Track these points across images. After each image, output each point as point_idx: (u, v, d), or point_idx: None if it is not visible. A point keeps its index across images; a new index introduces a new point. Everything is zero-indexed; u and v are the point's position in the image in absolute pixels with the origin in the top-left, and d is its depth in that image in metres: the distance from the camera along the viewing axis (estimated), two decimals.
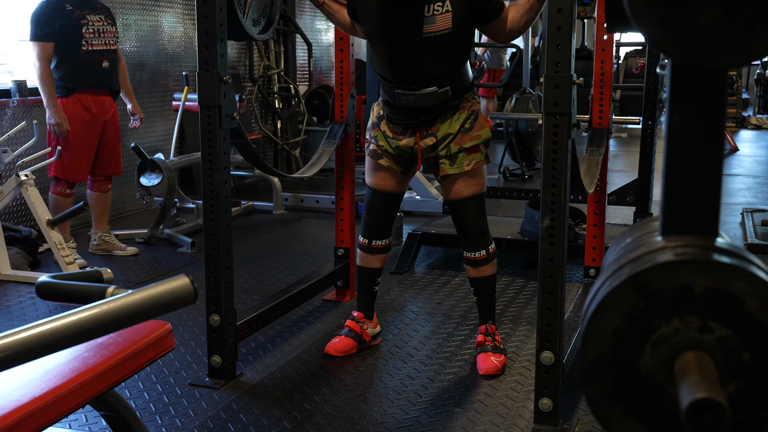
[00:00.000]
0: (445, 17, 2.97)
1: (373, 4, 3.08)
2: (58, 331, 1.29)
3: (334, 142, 3.82)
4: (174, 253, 5.02)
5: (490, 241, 3.22)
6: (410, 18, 2.99)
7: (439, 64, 3.04)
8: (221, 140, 2.90)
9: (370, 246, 3.34)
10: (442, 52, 3.03)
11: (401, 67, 3.08)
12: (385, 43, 3.11)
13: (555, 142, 2.53)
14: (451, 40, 3.01)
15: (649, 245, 1.13)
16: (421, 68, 3.05)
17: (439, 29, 2.98)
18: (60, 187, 4.71)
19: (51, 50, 4.56)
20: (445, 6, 2.97)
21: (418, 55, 3.03)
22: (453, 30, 2.99)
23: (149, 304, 1.40)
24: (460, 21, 2.99)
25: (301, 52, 8.57)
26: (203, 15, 2.83)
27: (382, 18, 3.06)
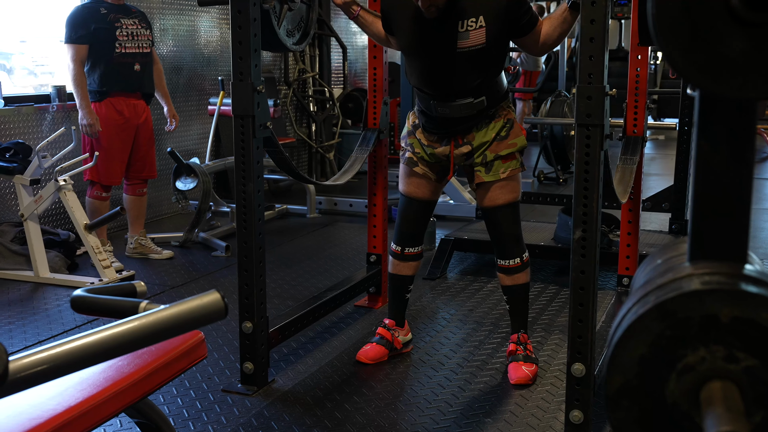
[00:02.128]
0: (479, 33, 2.99)
1: (407, 19, 3.10)
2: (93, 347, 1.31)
3: (367, 149, 3.83)
4: (209, 257, 5.07)
5: (524, 249, 3.21)
6: (444, 33, 3.01)
7: (474, 77, 3.06)
8: (254, 149, 2.92)
9: (403, 253, 3.35)
10: (477, 65, 3.04)
11: (436, 80, 3.10)
12: (419, 58, 3.13)
13: (587, 153, 2.51)
14: (485, 54, 3.01)
15: (677, 271, 1.12)
16: (456, 81, 3.07)
17: (473, 44, 3.00)
18: (96, 191, 4.78)
19: (85, 53, 4.64)
20: (479, 22, 2.98)
21: (453, 69, 3.05)
22: (487, 45, 3.00)
23: (181, 319, 1.42)
24: (494, 36, 2.99)
25: (336, 56, 8.60)
26: (237, 25, 2.86)
27: (416, 33, 3.08)
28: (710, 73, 0.88)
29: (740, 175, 1.06)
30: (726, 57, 0.87)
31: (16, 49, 6.13)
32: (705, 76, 0.89)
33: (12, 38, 5.95)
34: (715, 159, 1.06)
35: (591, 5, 2.44)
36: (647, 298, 1.08)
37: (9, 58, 6.17)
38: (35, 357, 1.26)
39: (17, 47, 6.12)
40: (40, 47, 6.19)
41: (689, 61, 0.89)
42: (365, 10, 3.34)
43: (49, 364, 1.28)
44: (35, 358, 1.26)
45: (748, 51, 0.86)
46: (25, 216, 4.41)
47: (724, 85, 0.89)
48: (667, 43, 0.91)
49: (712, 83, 0.89)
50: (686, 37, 0.88)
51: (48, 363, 1.28)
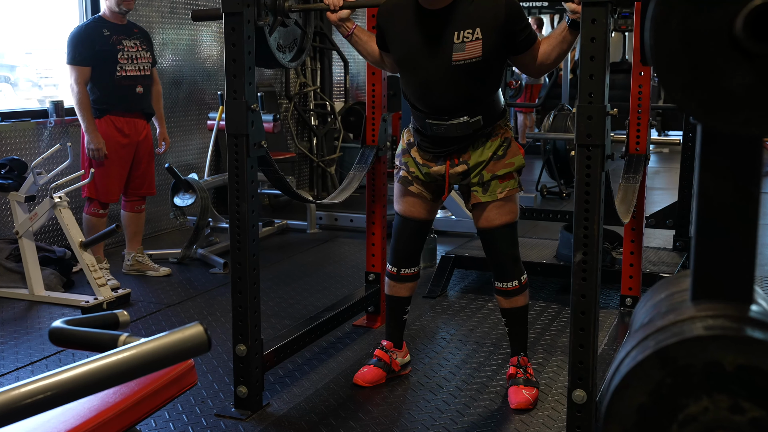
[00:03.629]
0: (476, 45, 2.91)
1: (402, 30, 3.04)
2: (66, 384, 1.25)
3: (365, 166, 3.78)
4: (206, 274, 5.01)
5: (523, 271, 3.14)
6: (439, 45, 2.94)
7: (470, 92, 2.99)
8: (248, 168, 2.87)
9: (399, 274, 3.28)
10: (473, 80, 2.97)
11: (431, 96, 3.03)
12: (414, 71, 3.05)
13: (588, 174, 2.45)
14: (481, 68, 2.94)
15: (678, 312, 1.06)
16: (452, 97, 3.00)
17: (469, 57, 2.92)
18: (93, 208, 4.73)
19: (88, 74, 4.60)
20: (475, 33, 2.91)
21: (448, 83, 2.98)
22: (483, 58, 2.92)
23: (161, 354, 1.36)
24: (491, 49, 2.92)
25: (338, 69, 8.56)
26: (231, 43, 2.81)
27: (411, 45, 3.02)
28: (712, 110, 0.82)
29: (745, 212, 0.99)
30: (729, 92, 0.81)
31: (21, 62, 6.11)
32: (707, 113, 0.83)
33: (17, 50, 5.92)
34: (719, 195, 1.00)
35: (591, 23, 2.39)
36: (647, 342, 1.01)
37: (13, 70, 6.15)
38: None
39: (22, 59, 6.10)
40: (44, 60, 6.17)
41: (689, 97, 0.83)
42: (360, 28, 3.29)
43: (15, 404, 1.22)
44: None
45: (752, 85, 0.80)
46: (20, 233, 4.36)
47: (728, 121, 0.83)
48: (666, 77, 0.85)
49: (714, 120, 0.84)
50: (686, 71, 0.82)
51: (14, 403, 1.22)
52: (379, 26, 3.16)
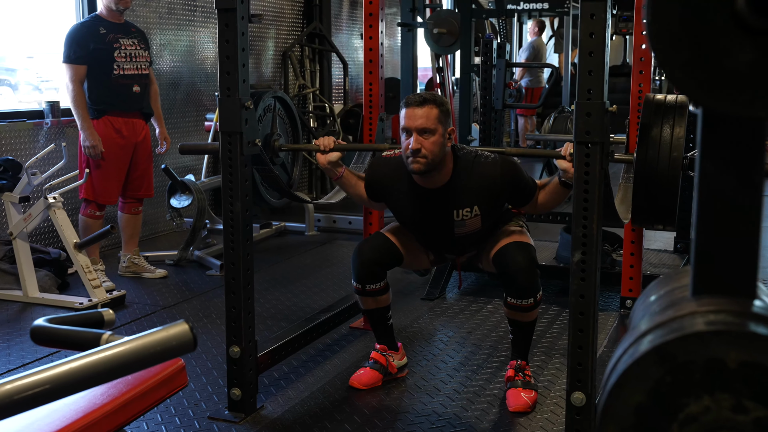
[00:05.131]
0: (475, 221, 3.02)
1: (398, 202, 3.11)
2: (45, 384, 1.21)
3: (362, 167, 3.73)
4: (203, 276, 4.96)
5: (539, 288, 3.03)
6: (440, 221, 3.05)
7: (476, 239, 3.13)
8: (242, 167, 2.82)
9: (365, 289, 3.17)
10: (478, 236, 3.10)
11: (437, 247, 3.24)
12: (415, 233, 3.20)
13: (587, 172, 2.41)
14: (483, 229, 3.08)
15: (678, 308, 1.01)
16: (458, 248, 3.19)
17: (470, 230, 3.05)
18: (90, 209, 4.69)
19: (83, 73, 4.56)
20: (474, 211, 3.00)
21: (453, 242, 3.14)
22: (483, 226, 3.05)
23: (145, 352, 1.32)
24: (491, 216, 3.06)
25: (337, 71, 8.52)
26: (225, 39, 2.76)
27: (410, 216, 3.12)
28: (714, 90, 0.77)
29: (748, 201, 0.95)
30: (732, 71, 0.76)
31: (22, 65, 6.08)
32: (708, 93, 0.78)
33: (18, 54, 5.89)
34: (721, 183, 0.95)
35: (590, 18, 2.35)
36: (645, 338, 0.97)
37: (14, 73, 6.11)
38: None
39: (23, 63, 6.06)
40: (45, 63, 6.13)
41: (690, 77, 0.78)
42: (349, 171, 3.23)
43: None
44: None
45: (756, 63, 0.76)
46: (14, 234, 4.31)
47: (730, 102, 0.78)
48: (666, 57, 0.80)
49: (716, 101, 0.79)
50: (686, 50, 0.77)
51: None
52: (371, 188, 3.17)
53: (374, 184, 3.15)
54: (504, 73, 5.87)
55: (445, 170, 2.97)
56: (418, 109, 2.88)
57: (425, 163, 2.89)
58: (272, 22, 7.53)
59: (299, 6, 7.96)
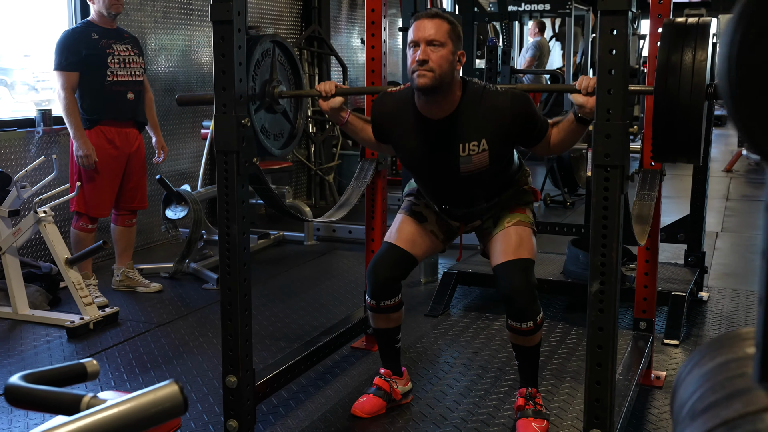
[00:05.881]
0: (482, 157, 2.81)
1: (402, 139, 2.92)
2: None
3: (364, 181, 3.59)
4: (199, 290, 4.81)
5: (539, 310, 2.90)
6: (445, 157, 2.84)
7: (483, 188, 2.94)
8: (239, 188, 2.67)
9: (379, 306, 3.03)
10: (485, 179, 2.90)
11: (442, 195, 3.01)
12: (420, 175, 3.01)
13: (606, 197, 2.26)
14: (492, 171, 2.87)
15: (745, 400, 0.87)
16: (464, 196, 2.98)
17: (477, 168, 2.84)
18: (82, 222, 4.54)
19: (76, 80, 4.41)
20: (481, 145, 2.79)
21: (459, 188, 2.93)
22: (491, 164, 2.84)
23: (128, 421, 1.17)
24: (499, 154, 2.84)
25: (336, 74, 8.37)
26: (221, 53, 2.61)
27: (416, 153, 2.92)
28: None
29: None
30: None
31: (18, 65, 5.94)
32: None
33: (14, 53, 5.73)
34: None
35: (610, 34, 2.20)
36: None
37: (10, 73, 5.98)
38: None
39: (19, 62, 5.92)
40: (41, 63, 5.99)
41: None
42: (354, 115, 3.10)
43: None
44: None
45: None
46: (3, 249, 4.16)
47: None
48: (753, 120, 0.66)
49: None
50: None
51: None
52: (376, 125, 3.01)
53: (380, 118, 2.97)
54: (509, 80, 5.72)
55: (452, 97, 2.77)
56: (428, 21, 2.72)
57: (432, 78, 2.68)
58: (270, 24, 7.38)
59: (297, 8, 7.81)
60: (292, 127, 3.57)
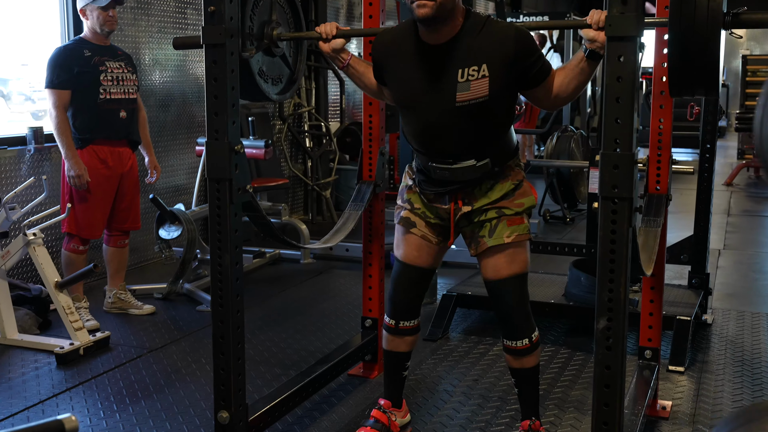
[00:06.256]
0: (481, 83, 2.62)
1: (401, 70, 2.76)
2: None
3: (361, 204, 3.49)
4: (193, 312, 4.71)
5: (534, 328, 2.84)
6: (442, 83, 2.66)
7: (477, 134, 2.71)
8: (232, 217, 2.58)
9: (397, 327, 2.98)
10: (480, 121, 2.68)
11: (434, 138, 2.75)
12: (415, 113, 2.77)
13: (613, 230, 2.16)
14: (489, 107, 2.65)
15: None
16: (457, 140, 2.72)
17: (475, 97, 2.63)
18: (73, 244, 4.43)
19: (68, 98, 4.32)
20: (481, 70, 2.61)
21: (453, 125, 2.69)
22: (490, 98, 2.63)
23: None
24: (499, 87, 2.63)
25: (333, 88, 8.30)
26: (213, 77, 2.52)
27: (411, 84, 2.73)
28: None
29: None
30: None
31: (14, 75, 5.85)
32: None
33: (10, 63, 5.64)
34: None
35: (618, 60, 2.11)
36: None
37: (6, 83, 5.90)
38: None
39: (16, 72, 5.83)
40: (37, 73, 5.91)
41: None
42: (356, 58, 2.99)
43: None
44: None
45: None
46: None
47: None
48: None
49: None
50: None
51: None
52: (375, 60, 2.87)
53: (378, 51, 2.83)
54: None
55: (454, 23, 2.62)
56: None
57: (433, 6, 2.53)
58: None
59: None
60: (292, 72, 3.47)
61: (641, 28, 2.13)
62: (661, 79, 3.16)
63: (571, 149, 7.61)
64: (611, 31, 2.10)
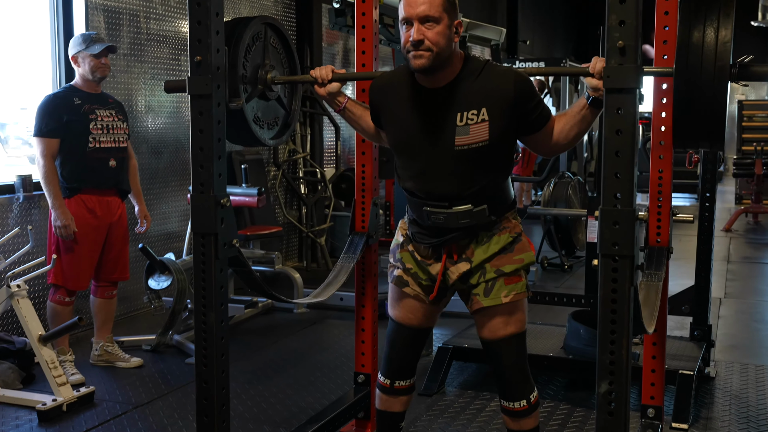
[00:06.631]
0: (481, 128, 2.54)
1: (397, 111, 2.68)
2: None
3: (354, 256, 3.40)
4: (182, 365, 4.58)
5: (533, 388, 2.73)
6: (440, 127, 2.58)
7: (475, 179, 2.61)
8: (217, 273, 2.48)
9: (392, 387, 2.86)
10: (478, 165, 2.59)
11: (430, 182, 2.65)
12: (411, 156, 2.68)
13: (614, 290, 2.07)
14: (488, 152, 2.57)
15: None
16: (454, 184, 2.62)
17: (474, 142, 2.55)
18: (59, 295, 4.32)
19: (56, 147, 4.24)
20: (481, 114, 2.54)
21: (450, 169, 2.60)
22: (490, 142, 2.55)
23: None
24: (499, 131, 2.55)
25: (329, 133, 8.25)
26: (198, 129, 2.45)
27: (408, 126, 2.64)
28: None
29: None
30: None
31: (11, 119, 5.79)
32: None
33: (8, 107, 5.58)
34: None
35: (616, 113, 2.03)
36: None
37: (4, 128, 5.83)
38: None
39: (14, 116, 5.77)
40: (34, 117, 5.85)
41: None
42: (353, 101, 2.91)
43: None
44: None
45: None
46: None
47: None
48: None
49: None
50: None
51: None
52: (373, 103, 2.80)
53: (375, 93, 2.75)
54: None
55: (452, 68, 2.55)
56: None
57: (430, 57, 2.47)
58: None
59: None
60: (287, 113, 3.37)
61: (641, 79, 2.06)
62: (660, 129, 3.09)
63: (568, 196, 7.55)
64: (609, 83, 2.03)
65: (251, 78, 3.18)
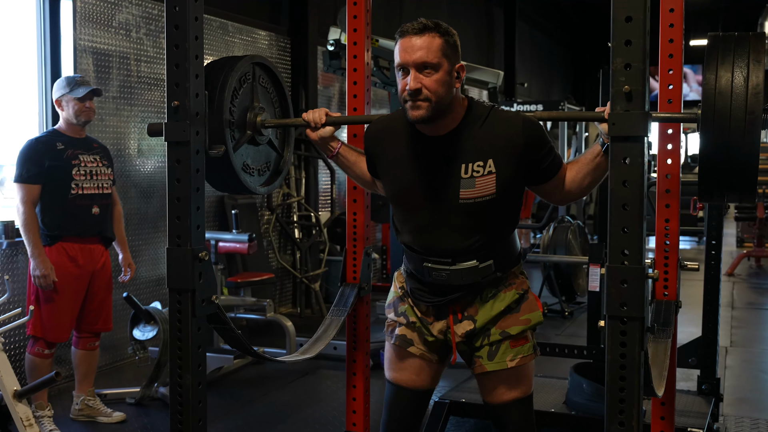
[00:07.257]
0: (488, 180, 2.36)
1: (395, 159, 2.49)
2: None
3: (344, 309, 3.23)
4: (167, 420, 4.32)
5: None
6: (443, 180, 2.39)
7: (480, 233, 2.42)
8: (194, 332, 2.31)
9: None
10: (484, 219, 2.41)
11: (431, 236, 2.46)
12: (410, 208, 2.49)
13: (623, 354, 1.90)
14: (494, 207, 2.39)
15: None
16: (457, 239, 2.43)
17: (481, 195, 2.37)
18: (38, 347, 4.13)
19: (37, 193, 4.09)
20: (487, 166, 2.35)
21: (453, 223, 2.41)
22: (497, 196, 2.37)
23: None
24: (507, 183, 2.37)
25: (324, 177, 8.11)
26: (175, 179, 2.29)
27: (407, 178, 2.45)
28: None
29: None
30: None
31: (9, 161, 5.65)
32: None
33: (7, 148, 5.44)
34: None
35: (623, 162, 1.88)
36: None
37: (1, 169, 5.69)
38: None
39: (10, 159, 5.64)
40: None
41: None
42: (347, 146, 2.74)
43: None
44: None
45: None
46: None
47: None
48: None
49: None
50: None
51: None
52: (368, 151, 2.62)
53: (371, 140, 2.56)
54: None
55: (454, 115, 2.38)
56: (416, 39, 2.29)
57: (428, 108, 2.30)
58: None
59: None
60: (279, 157, 3.18)
61: (649, 126, 1.92)
62: (666, 177, 2.94)
63: (568, 241, 7.39)
64: (615, 131, 1.89)
65: (239, 122, 3.03)
